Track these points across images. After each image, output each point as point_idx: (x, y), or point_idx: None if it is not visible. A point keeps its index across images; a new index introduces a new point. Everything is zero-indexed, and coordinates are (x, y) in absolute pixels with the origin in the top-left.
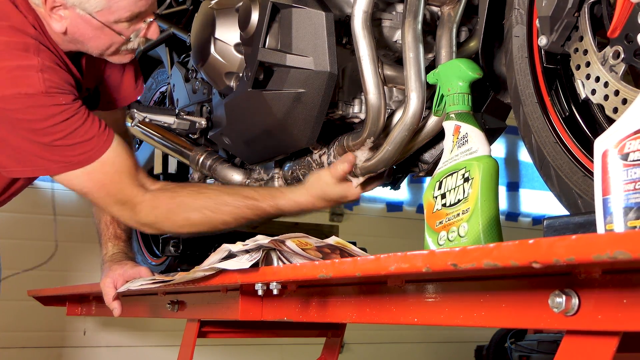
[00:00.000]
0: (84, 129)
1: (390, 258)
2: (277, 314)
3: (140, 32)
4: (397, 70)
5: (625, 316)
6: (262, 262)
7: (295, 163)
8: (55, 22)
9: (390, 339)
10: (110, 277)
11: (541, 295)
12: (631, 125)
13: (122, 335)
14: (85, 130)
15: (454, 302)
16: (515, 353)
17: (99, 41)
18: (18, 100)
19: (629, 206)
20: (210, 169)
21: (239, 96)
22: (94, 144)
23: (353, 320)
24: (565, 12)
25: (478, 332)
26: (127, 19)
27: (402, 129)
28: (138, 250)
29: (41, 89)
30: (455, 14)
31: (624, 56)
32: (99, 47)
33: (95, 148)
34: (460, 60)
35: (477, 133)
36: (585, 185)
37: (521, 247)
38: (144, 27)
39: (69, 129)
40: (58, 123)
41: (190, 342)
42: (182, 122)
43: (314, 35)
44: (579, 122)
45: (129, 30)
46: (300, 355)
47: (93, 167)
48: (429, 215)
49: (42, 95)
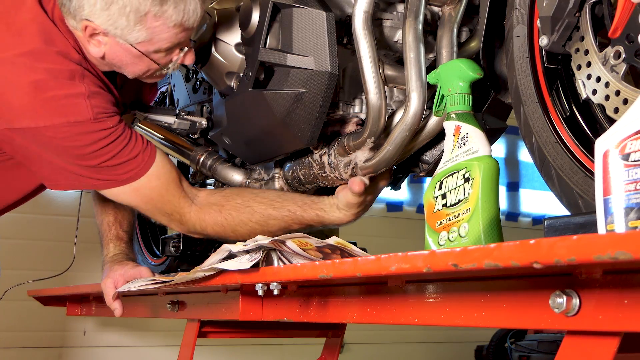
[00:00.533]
0: (129, 148)
1: (390, 258)
2: (278, 314)
3: (178, 60)
4: (397, 70)
5: (626, 316)
6: (263, 262)
7: (296, 163)
8: (93, 47)
9: (390, 339)
10: (111, 278)
11: (542, 295)
12: (632, 125)
13: (122, 335)
14: (130, 149)
15: (454, 303)
16: (515, 353)
17: (136, 67)
18: (68, 129)
19: (630, 206)
20: (211, 169)
21: (239, 96)
22: (139, 161)
23: (353, 321)
24: (566, 12)
25: (478, 332)
26: (166, 49)
27: (402, 129)
28: (138, 251)
29: (89, 116)
30: (456, 14)
31: (625, 56)
32: (136, 73)
33: (141, 165)
34: (461, 61)
35: (477, 133)
36: (586, 185)
37: (522, 247)
38: (181, 55)
39: (115, 150)
40: (105, 146)
41: (190, 342)
42: (183, 122)
43: (315, 35)
44: (580, 122)
45: (166, 58)
46: (300, 355)
47: (140, 183)
48: (430, 216)
49: (91, 122)
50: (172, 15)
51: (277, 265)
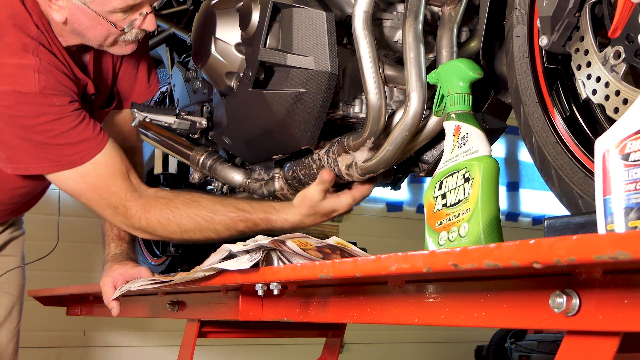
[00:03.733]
0: (77, 131)
1: (390, 258)
2: (278, 314)
3: (135, 23)
4: (397, 70)
5: (626, 316)
6: (263, 262)
7: (296, 163)
8: (55, 12)
9: (390, 339)
10: (110, 277)
11: (542, 295)
12: (632, 125)
13: (122, 335)
14: (79, 131)
15: (454, 303)
16: (515, 353)
17: (96, 31)
18: (11, 97)
19: (630, 206)
20: (211, 169)
21: (239, 96)
22: (86, 145)
23: (353, 320)
24: (566, 12)
25: (478, 332)
26: (121, 10)
27: (402, 129)
28: (138, 251)
29: (35, 88)
30: (456, 14)
31: (625, 56)
32: (97, 38)
33: (88, 149)
34: (460, 61)
35: (477, 133)
36: (586, 185)
37: (522, 247)
38: (140, 19)
39: (62, 128)
40: (50, 122)
41: (190, 342)
42: (183, 122)
43: (315, 35)
44: (580, 122)
45: (124, 21)
46: (300, 355)
47: (86, 168)
48: (430, 216)
49: (35, 95)
50: None
51: (277, 265)
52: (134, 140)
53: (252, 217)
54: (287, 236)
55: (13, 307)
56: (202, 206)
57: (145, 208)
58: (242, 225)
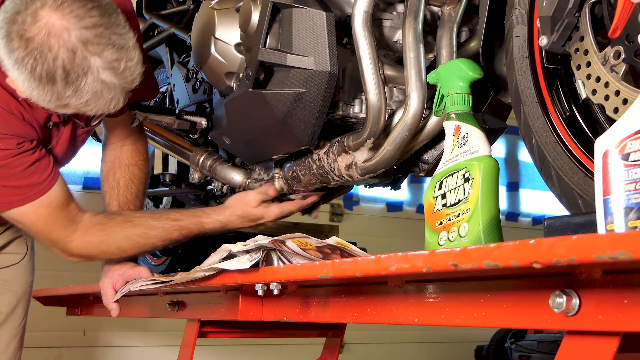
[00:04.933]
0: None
1: (390, 258)
2: (278, 314)
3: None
4: (397, 70)
5: (626, 316)
6: (263, 262)
7: (295, 163)
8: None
9: (390, 339)
10: (109, 278)
11: (542, 295)
12: (632, 125)
13: (122, 335)
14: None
15: (454, 302)
16: (515, 353)
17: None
18: None
19: (630, 206)
20: (211, 169)
21: (239, 96)
22: (29, 190)
23: (353, 320)
24: (566, 12)
25: (478, 332)
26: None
27: (402, 129)
28: None
29: None
30: (456, 14)
31: (625, 56)
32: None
33: (29, 194)
34: (460, 61)
35: (477, 133)
36: (586, 185)
37: (522, 247)
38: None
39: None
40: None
41: (190, 342)
42: (183, 122)
43: (315, 35)
44: (580, 123)
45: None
46: (300, 355)
47: (26, 207)
48: (429, 216)
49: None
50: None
51: (277, 265)
52: (134, 140)
53: (184, 224)
54: (287, 236)
55: (17, 305)
56: (136, 224)
57: (83, 238)
58: (176, 234)
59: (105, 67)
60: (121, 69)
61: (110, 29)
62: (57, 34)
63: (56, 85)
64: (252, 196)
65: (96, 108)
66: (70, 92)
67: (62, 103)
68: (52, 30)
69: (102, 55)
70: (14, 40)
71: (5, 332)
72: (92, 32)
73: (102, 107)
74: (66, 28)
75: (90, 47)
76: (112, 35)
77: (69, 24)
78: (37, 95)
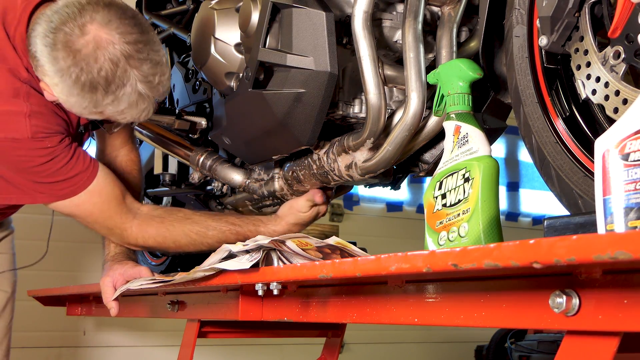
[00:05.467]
0: (69, 167)
1: (390, 258)
2: (278, 314)
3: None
4: (397, 70)
5: (626, 316)
6: (263, 262)
7: (295, 163)
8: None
9: (390, 339)
10: (110, 276)
11: (542, 295)
12: (632, 125)
13: (122, 335)
14: (70, 167)
15: (454, 302)
16: (515, 353)
17: None
18: (5, 144)
19: (630, 206)
20: (211, 169)
21: (239, 96)
22: (78, 178)
23: (353, 320)
24: (565, 12)
25: (478, 332)
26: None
27: (402, 129)
28: (138, 250)
29: (27, 134)
30: (456, 14)
31: (625, 56)
32: None
33: (80, 182)
34: (460, 61)
35: (477, 133)
36: (586, 185)
37: (522, 247)
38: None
39: (54, 167)
40: (43, 163)
41: (190, 342)
42: (182, 122)
43: (314, 35)
44: (580, 122)
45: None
46: (300, 355)
47: (80, 198)
48: (430, 216)
49: (28, 140)
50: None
51: (277, 265)
52: (128, 151)
53: (242, 230)
54: (287, 236)
55: (6, 304)
56: (195, 222)
57: (142, 228)
58: (232, 238)
59: (142, 80)
60: (155, 82)
61: (148, 45)
62: (104, 47)
63: (97, 94)
64: (302, 203)
65: (129, 116)
66: (108, 100)
67: (98, 110)
68: (99, 44)
69: (141, 69)
70: (59, 50)
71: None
72: (133, 47)
73: (135, 116)
74: (112, 42)
75: (131, 61)
76: (150, 52)
77: (114, 39)
78: (74, 102)
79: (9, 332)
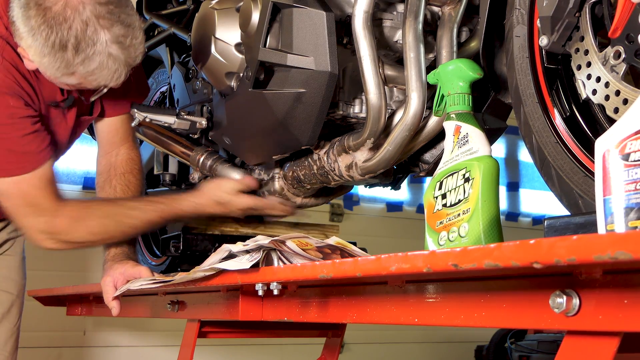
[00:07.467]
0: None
1: (391, 258)
2: (278, 314)
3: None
4: (397, 70)
5: (626, 316)
6: (263, 262)
7: (296, 163)
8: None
9: (390, 339)
10: (110, 276)
11: (542, 295)
12: (632, 125)
13: (122, 335)
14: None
15: (454, 303)
16: (515, 353)
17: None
18: None
19: (630, 206)
20: (211, 169)
21: (239, 96)
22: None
23: (353, 320)
24: (566, 12)
25: (478, 332)
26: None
27: (402, 129)
28: (138, 250)
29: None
30: (456, 14)
31: (625, 56)
32: None
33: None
34: (460, 61)
35: (477, 133)
36: (586, 185)
37: (522, 247)
38: None
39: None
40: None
41: (190, 342)
42: (183, 122)
43: (315, 35)
44: (580, 123)
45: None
46: (300, 355)
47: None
48: (430, 216)
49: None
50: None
51: (277, 265)
52: (128, 149)
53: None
54: (287, 236)
55: (12, 306)
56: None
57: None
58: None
59: (113, 41)
60: (127, 44)
61: (120, 8)
62: (74, 6)
63: (67, 53)
64: (229, 184)
65: (100, 78)
66: (79, 60)
67: (70, 71)
68: (69, 2)
69: (111, 30)
70: (31, 8)
71: (2, 331)
72: (104, 8)
73: (107, 78)
74: (82, 2)
75: (102, 21)
76: (122, 14)
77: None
78: (47, 63)
79: (14, 334)
